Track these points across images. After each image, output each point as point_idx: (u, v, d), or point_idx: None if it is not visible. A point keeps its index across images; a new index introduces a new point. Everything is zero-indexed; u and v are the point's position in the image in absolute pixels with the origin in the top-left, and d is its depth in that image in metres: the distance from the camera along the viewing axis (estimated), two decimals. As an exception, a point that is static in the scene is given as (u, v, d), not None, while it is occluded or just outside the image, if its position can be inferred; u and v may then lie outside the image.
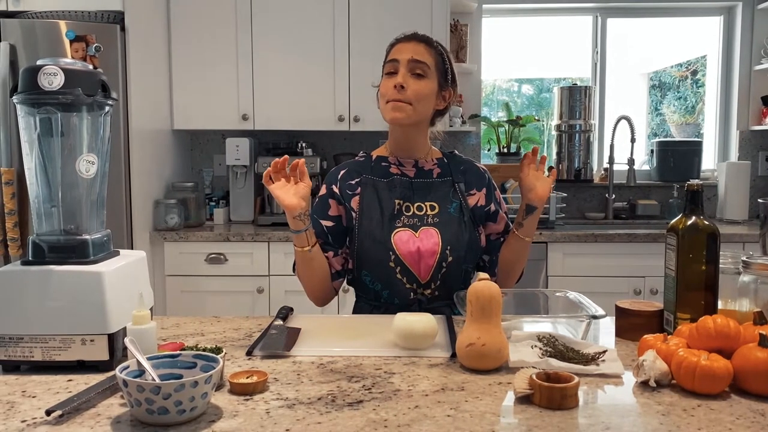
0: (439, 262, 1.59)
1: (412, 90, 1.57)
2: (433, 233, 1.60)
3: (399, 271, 1.59)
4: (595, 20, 3.90)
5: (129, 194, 2.92)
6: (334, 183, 1.69)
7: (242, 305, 3.08)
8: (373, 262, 1.60)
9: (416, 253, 1.58)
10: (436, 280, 1.60)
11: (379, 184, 1.65)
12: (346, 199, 1.65)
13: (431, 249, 1.59)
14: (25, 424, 0.95)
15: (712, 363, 1.04)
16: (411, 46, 1.60)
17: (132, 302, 1.18)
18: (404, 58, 1.58)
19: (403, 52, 1.59)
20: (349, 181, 1.67)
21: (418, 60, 1.58)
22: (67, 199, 1.21)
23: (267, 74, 3.32)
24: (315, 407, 1.01)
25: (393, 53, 1.62)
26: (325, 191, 1.69)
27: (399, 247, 1.58)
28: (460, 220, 1.63)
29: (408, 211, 1.63)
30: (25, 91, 1.15)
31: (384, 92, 1.61)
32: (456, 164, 1.72)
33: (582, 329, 1.34)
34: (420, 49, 1.60)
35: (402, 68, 1.58)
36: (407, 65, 1.58)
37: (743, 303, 1.30)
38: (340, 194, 1.66)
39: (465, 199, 1.67)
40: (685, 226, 1.29)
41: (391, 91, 1.58)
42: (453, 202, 1.65)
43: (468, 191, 1.69)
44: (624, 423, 0.96)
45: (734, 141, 3.85)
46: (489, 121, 3.79)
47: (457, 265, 1.60)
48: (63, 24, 2.74)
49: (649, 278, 3.06)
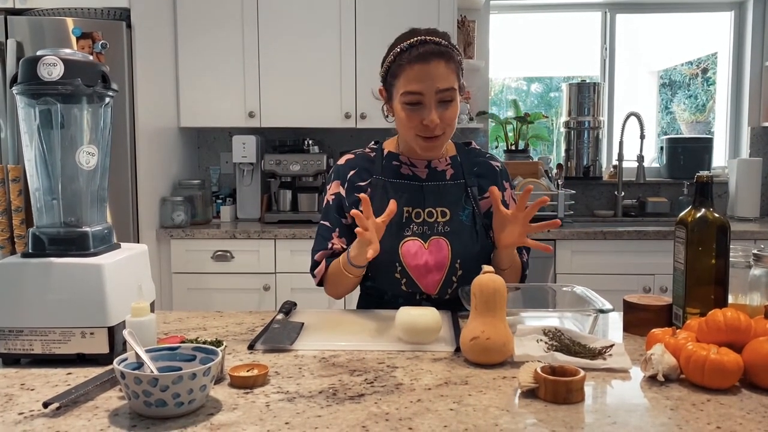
0: (448, 276, 1.53)
1: (444, 121, 1.46)
2: (443, 245, 1.53)
3: (405, 283, 1.54)
4: (603, 16, 3.87)
5: (135, 192, 2.92)
6: (342, 183, 1.62)
7: (248, 303, 3.07)
8: (378, 270, 1.55)
9: (423, 266, 1.52)
10: (444, 294, 1.55)
11: (389, 187, 1.58)
12: (352, 202, 1.58)
13: (440, 262, 1.52)
14: (23, 417, 0.94)
15: (722, 357, 1.02)
16: (432, 69, 1.42)
17: (132, 295, 1.17)
18: (430, 89, 1.42)
19: (426, 80, 1.42)
20: (359, 183, 1.60)
21: (446, 88, 1.44)
22: (68, 192, 1.20)
23: (273, 71, 3.31)
24: (316, 401, 0.99)
25: (412, 81, 1.43)
26: (337, 190, 1.62)
27: (406, 260, 1.52)
28: (471, 230, 1.56)
29: (418, 217, 1.56)
30: (25, 82, 1.14)
31: (410, 124, 1.47)
32: (470, 164, 1.62)
33: (589, 324, 1.32)
34: (443, 71, 1.43)
35: (430, 101, 1.43)
36: (435, 96, 1.43)
37: (754, 297, 1.27)
38: (346, 196, 1.60)
39: (478, 204, 1.58)
40: (695, 218, 1.27)
41: (422, 128, 1.46)
42: (465, 208, 1.57)
43: (481, 195, 1.59)
44: (631, 418, 0.93)
45: (745, 137, 3.80)
46: (497, 118, 3.76)
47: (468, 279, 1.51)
48: (70, 21, 2.74)
49: (659, 276, 3.02)
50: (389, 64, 1.49)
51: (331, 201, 1.62)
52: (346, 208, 1.59)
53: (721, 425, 0.91)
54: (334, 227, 1.61)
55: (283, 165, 3.33)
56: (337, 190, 1.62)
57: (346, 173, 1.62)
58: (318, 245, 1.63)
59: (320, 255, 1.61)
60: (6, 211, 2.67)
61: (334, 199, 1.62)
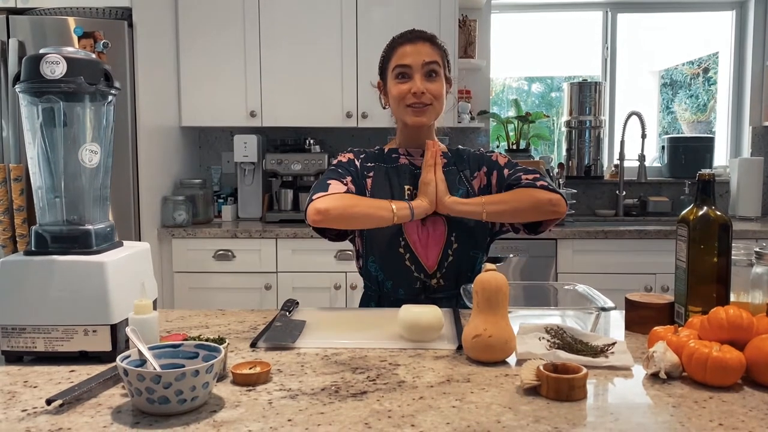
0: (445, 249, 1.60)
1: (429, 92, 1.60)
2: (440, 221, 1.62)
3: (408, 259, 1.61)
4: (605, 15, 3.87)
5: (137, 191, 2.92)
6: (357, 158, 1.70)
7: (250, 302, 3.07)
8: (382, 248, 1.62)
9: (425, 239, 1.61)
10: (443, 268, 1.61)
11: (390, 171, 1.68)
12: (361, 178, 1.67)
13: (438, 237, 1.61)
14: (26, 414, 0.94)
15: (724, 354, 1.02)
16: (418, 47, 1.61)
17: (135, 293, 1.17)
18: (417, 62, 1.60)
19: (413, 55, 1.60)
20: (366, 164, 1.70)
21: (430, 61, 1.60)
22: (70, 189, 1.20)
23: (275, 71, 3.31)
24: (318, 398, 0.99)
25: (401, 57, 1.61)
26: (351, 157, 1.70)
27: (409, 234, 1.61)
28: None
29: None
30: (28, 80, 1.14)
31: (400, 96, 1.61)
32: (460, 156, 1.74)
33: (591, 322, 1.32)
34: (428, 50, 1.62)
35: (417, 73, 1.60)
36: (421, 69, 1.60)
37: (756, 295, 1.27)
38: (357, 172, 1.67)
39: (471, 184, 1.68)
40: (697, 216, 1.27)
41: (410, 96, 1.60)
42: (459, 189, 1.66)
43: (472, 176, 1.70)
44: (633, 415, 0.93)
45: (747, 137, 3.80)
46: (498, 117, 3.76)
47: (464, 252, 1.62)
48: (71, 20, 2.74)
49: (660, 275, 3.02)
50: (384, 54, 1.68)
51: (345, 160, 1.69)
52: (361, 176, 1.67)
53: (723, 423, 0.91)
54: (345, 174, 1.64)
55: (284, 164, 3.33)
56: (351, 157, 1.70)
57: (359, 153, 1.72)
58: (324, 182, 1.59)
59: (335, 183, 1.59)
60: (8, 210, 2.67)
61: (347, 162, 1.69)
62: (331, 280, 3.05)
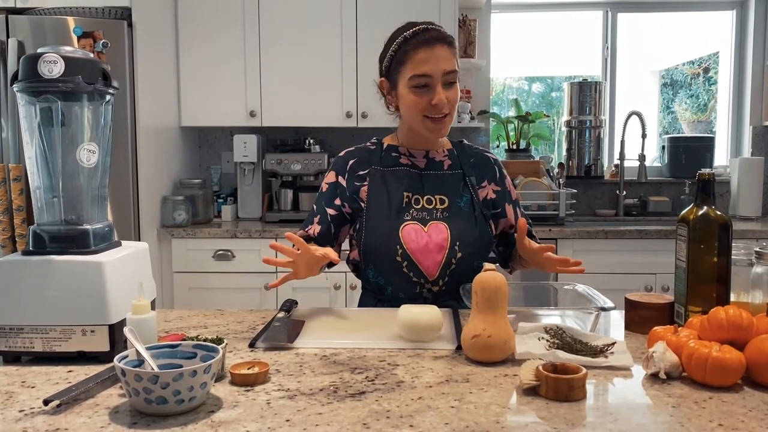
0: (447, 258, 1.55)
1: (448, 100, 1.54)
2: (443, 228, 1.56)
3: (406, 266, 1.56)
4: (605, 15, 3.87)
5: (136, 191, 2.92)
6: (342, 174, 1.66)
7: (249, 302, 3.07)
8: (380, 256, 1.57)
9: (424, 248, 1.54)
10: (444, 276, 1.56)
11: (388, 175, 1.62)
12: (353, 191, 1.63)
13: (440, 244, 1.55)
14: (23, 414, 0.94)
15: (724, 354, 1.02)
16: (436, 52, 1.51)
17: (133, 293, 1.17)
18: (437, 72, 1.50)
19: (432, 63, 1.50)
20: (359, 172, 1.65)
21: (451, 71, 1.53)
22: (68, 189, 1.20)
23: (274, 71, 3.31)
24: (316, 398, 0.99)
25: (418, 65, 1.51)
26: (334, 179, 1.66)
27: (407, 242, 1.55)
28: (470, 215, 1.60)
29: (417, 204, 1.60)
30: (25, 79, 1.14)
31: (418, 107, 1.53)
32: (466, 156, 1.69)
33: (591, 322, 1.32)
34: (446, 54, 1.52)
35: (437, 83, 1.51)
36: (441, 78, 1.51)
37: (756, 295, 1.27)
38: (347, 185, 1.64)
39: (476, 192, 1.64)
40: (697, 216, 1.26)
41: (430, 108, 1.53)
42: (463, 195, 1.62)
43: (479, 184, 1.66)
44: (633, 415, 0.93)
45: (747, 137, 3.79)
46: (498, 117, 3.76)
47: (467, 262, 1.56)
48: (71, 20, 2.74)
49: (660, 275, 3.02)
50: (393, 53, 1.56)
51: (325, 189, 1.68)
52: (347, 196, 1.64)
53: (723, 423, 0.90)
54: (317, 213, 1.66)
55: (284, 164, 3.33)
56: (333, 179, 1.67)
57: (347, 163, 1.67)
58: (311, 216, 1.68)
59: (300, 233, 1.62)
60: (7, 210, 2.67)
61: (328, 188, 1.67)
62: (331, 280, 3.04)
